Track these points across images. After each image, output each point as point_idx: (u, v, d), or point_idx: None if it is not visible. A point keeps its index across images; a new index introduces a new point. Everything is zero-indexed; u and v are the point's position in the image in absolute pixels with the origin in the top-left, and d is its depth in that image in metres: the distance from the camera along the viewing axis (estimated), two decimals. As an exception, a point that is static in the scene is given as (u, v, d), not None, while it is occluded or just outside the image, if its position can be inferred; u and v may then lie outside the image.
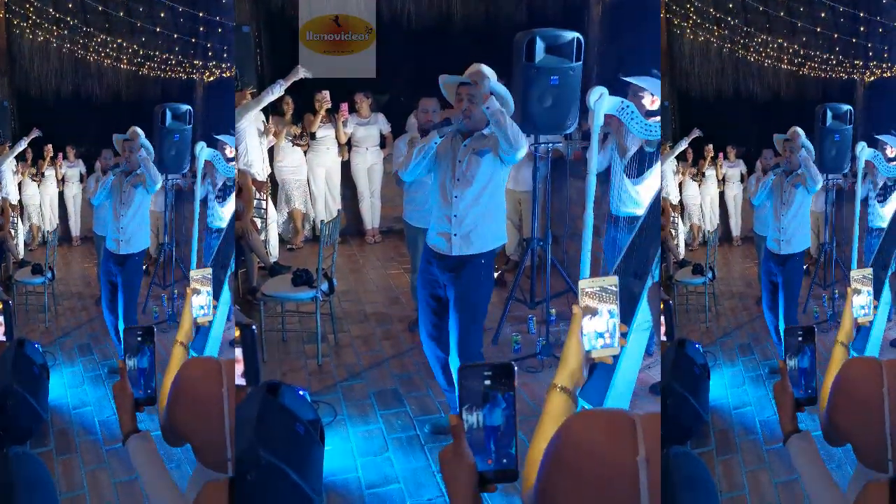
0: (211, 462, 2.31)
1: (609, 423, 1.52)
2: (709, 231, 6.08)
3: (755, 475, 4.29)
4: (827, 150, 5.27)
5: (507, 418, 1.49)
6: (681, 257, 6.05)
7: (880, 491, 2.09)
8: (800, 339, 2.70)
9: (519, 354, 5.04)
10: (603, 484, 1.42)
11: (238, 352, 2.56)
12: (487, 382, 1.49)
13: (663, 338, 3.81)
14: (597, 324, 1.86)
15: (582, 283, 1.87)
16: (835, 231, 5.79)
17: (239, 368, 2.57)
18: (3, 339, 3.76)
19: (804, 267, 5.96)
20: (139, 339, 2.57)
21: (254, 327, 2.63)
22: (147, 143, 5.03)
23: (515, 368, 1.51)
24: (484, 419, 1.49)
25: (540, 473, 1.50)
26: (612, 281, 1.88)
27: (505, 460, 1.49)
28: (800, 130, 5.09)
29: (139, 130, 5.03)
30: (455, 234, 3.91)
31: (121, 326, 5.18)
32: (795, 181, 5.12)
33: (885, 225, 5.52)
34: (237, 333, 2.58)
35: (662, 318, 3.80)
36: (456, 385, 1.52)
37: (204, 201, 5.07)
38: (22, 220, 5.97)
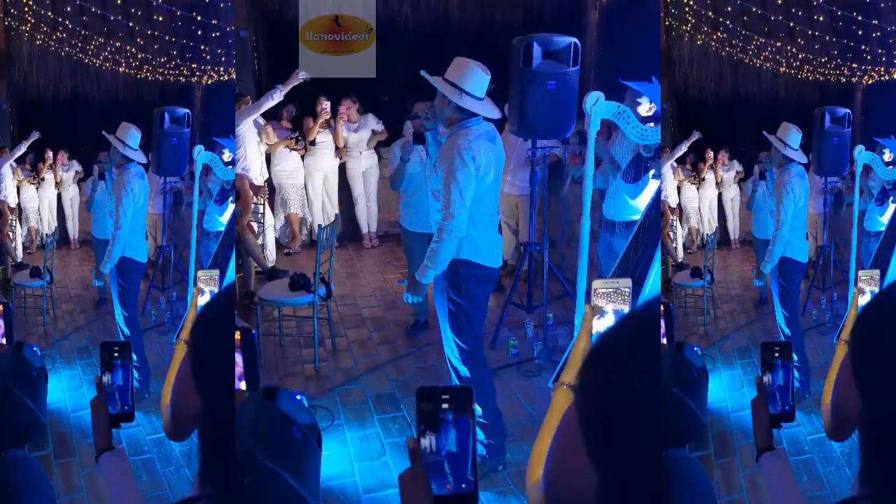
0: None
1: None
2: (707, 234, 6.08)
3: (753, 478, 4.29)
4: (825, 154, 5.27)
5: (464, 442, 1.47)
6: (679, 260, 6.06)
7: None
8: (776, 354, 2.67)
9: (516, 359, 5.04)
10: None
11: (237, 355, 2.55)
12: (445, 405, 1.47)
13: (663, 341, 3.80)
14: (608, 324, 1.87)
15: (595, 284, 1.89)
16: (833, 234, 5.79)
17: (238, 372, 2.56)
18: (3, 341, 3.75)
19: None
20: (115, 354, 2.55)
21: (254, 331, 2.63)
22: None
23: (474, 392, 1.48)
24: (441, 442, 1.46)
25: (551, 454, 1.49)
26: (625, 283, 1.90)
27: (464, 485, 1.46)
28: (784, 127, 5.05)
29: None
30: None
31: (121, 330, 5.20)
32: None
33: (883, 228, 5.53)
34: (236, 336, 2.56)
35: (662, 322, 3.79)
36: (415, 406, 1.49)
37: (202, 204, 5.08)
38: (20, 223, 5.98)
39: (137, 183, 5.03)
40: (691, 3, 6.08)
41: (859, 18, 5.96)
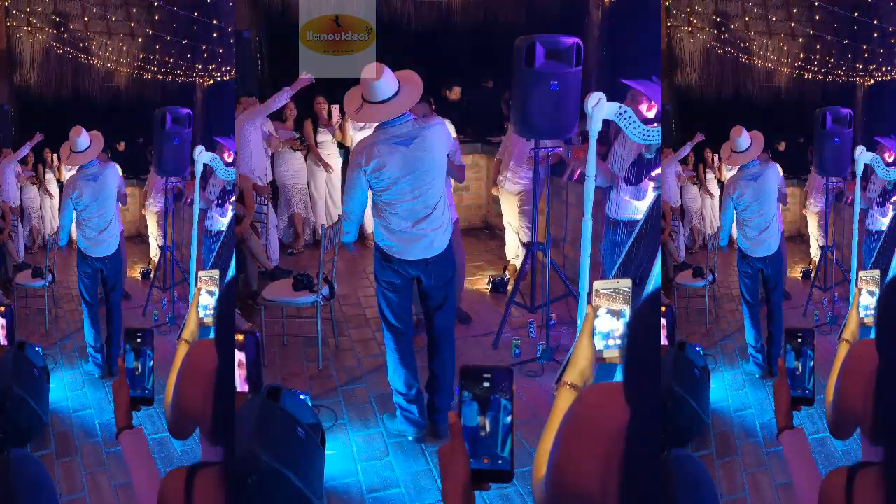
0: (219, 438, 2.32)
1: (621, 390, 1.54)
2: (709, 234, 6.08)
3: (755, 477, 4.29)
4: (827, 154, 5.27)
5: (504, 420, 1.52)
6: (681, 260, 6.05)
7: (839, 478, 2.13)
8: (800, 340, 2.78)
9: (519, 359, 5.04)
10: (618, 449, 1.44)
11: (241, 357, 2.56)
12: (486, 385, 1.52)
13: (664, 342, 3.81)
14: (608, 324, 1.91)
15: (596, 284, 1.93)
16: (834, 234, 5.79)
17: (241, 374, 2.57)
18: (5, 342, 3.76)
19: (806, 269, 5.99)
20: (138, 340, 2.62)
21: (258, 334, 2.64)
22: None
23: (514, 372, 1.54)
24: (479, 419, 1.52)
25: (555, 448, 1.52)
26: (626, 283, 1.93)
27: (500, 461, 1.52)
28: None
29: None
30: None
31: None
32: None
33: (884, 228, 5.53)
34: (239, 338, 2.57)
35: (663, 322, 3.80)
36: (458, 384, 1.55)
37: (203, 204, 5.09)
38: (22, 224, 5.98)
39: (83, 185, 5.15)
40: (693, 3, 6.09)
41: (861, 19, 5.97)
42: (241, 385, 2.52)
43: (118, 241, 5.30)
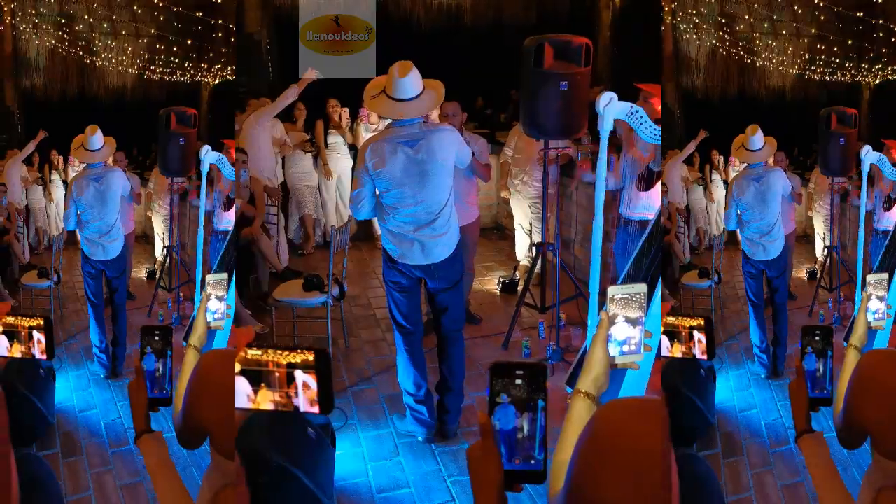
0: (230, 449, 2.30)
1: (642, 409, 1.51)
2: (714, 235, 6.08)
3: (761, 477, 4.29)
4: (832, 154, 5.27)
5: (537, 419, 1.47)
6: (687, 261, 6.05)
7: (891, 499, 2.10)
8: (817, 339, 2.71)
9: (529, 359, 5.03)
10: (641, 469, 1.42)
11: (306, 378, 2.42)
12: (518, 382, 1.47)
13: (702, 357, 3.68)
14: (625, 332, 1.87)
15: (611, 290, 1.88)
16: (840, 234, 5.79)
17: (307, 397, 2.42)
18: (44, 357, 3.63)
19: (812, 270, 5.99)
20: (156, 339, 2.56)
21: (329, 351, 2.52)
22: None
23: (548, 370, 1.49)
24: (512, 419, 1.47)
25: (573, 464, 1.49)
26: (640, 288, 1.89)
27: (532, 461, 1.47)
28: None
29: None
30: None
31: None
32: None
33: (890, 228, 5.53)
34: (308, 358, 2.42)
35: (703, 337, 3.70)
36: (488, 383, 1.50)
37: (209, 205, 5.08)
38: (28, 225, 5.99)
39: (85, 185, 5.13)
40: (698, 5, 6.10)
41: (865, 19, 5.97)
42: (305, 406, 2.39)
43: (121, 246, 5.26)
